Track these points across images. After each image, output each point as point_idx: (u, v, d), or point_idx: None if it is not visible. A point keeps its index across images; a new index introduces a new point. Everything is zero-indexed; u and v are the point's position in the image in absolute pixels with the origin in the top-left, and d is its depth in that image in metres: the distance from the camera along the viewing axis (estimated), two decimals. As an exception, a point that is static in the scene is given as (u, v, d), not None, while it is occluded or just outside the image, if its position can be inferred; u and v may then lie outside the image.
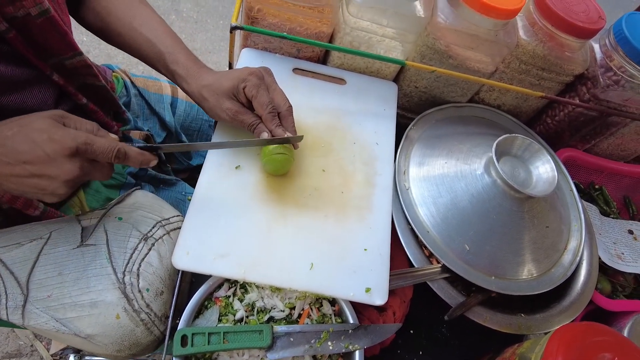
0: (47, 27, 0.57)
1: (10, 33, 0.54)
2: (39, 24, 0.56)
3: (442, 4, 0.72)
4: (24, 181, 0.48)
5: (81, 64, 0.65)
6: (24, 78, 0.59)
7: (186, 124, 0.98)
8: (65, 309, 0.56)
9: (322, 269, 0.60)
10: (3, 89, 0.57)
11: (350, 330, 0.58)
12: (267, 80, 0.63)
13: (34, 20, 0.55)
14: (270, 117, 0.61)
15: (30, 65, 0.59)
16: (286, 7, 0.70)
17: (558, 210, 0.74)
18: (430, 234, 0.66)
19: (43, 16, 0.56)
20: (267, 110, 0.61)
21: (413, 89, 0.84)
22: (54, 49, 0.61)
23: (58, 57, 0.62)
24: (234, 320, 0.58)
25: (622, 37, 0.76)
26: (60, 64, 0.63)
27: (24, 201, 0.61)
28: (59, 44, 0.60)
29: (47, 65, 0.61)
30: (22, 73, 0.58)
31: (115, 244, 0.59)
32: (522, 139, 0.69)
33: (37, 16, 0.55)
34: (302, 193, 0.65)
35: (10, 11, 0.53)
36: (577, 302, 0.69)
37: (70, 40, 0.62)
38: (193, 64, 0.66)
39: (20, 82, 0.59)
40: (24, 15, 0.54)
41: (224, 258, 0.58)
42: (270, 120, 0.61)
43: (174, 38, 0.69)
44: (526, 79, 0.80)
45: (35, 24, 0.56)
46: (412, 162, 0.73)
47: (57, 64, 0.63)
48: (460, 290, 0.66)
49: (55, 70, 0.63)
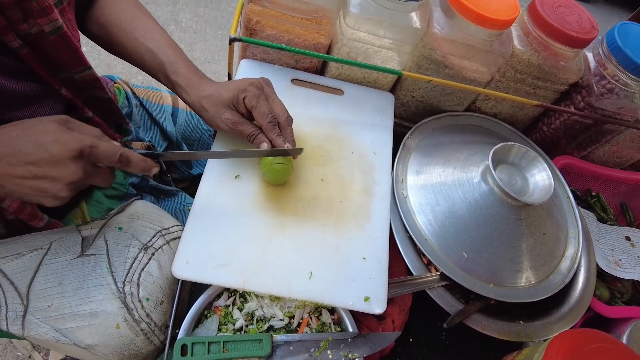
0: (60, 43, 0.58)
1: (24, 50, 0.55)
2: (52, 41, 0.57)
3: (438, 14, 0.74)
4: (26, 183, 0.48)
5: (90, 77, 0.66)
6: (34, 93, 0.60)
7: (187, 134, 0.99)
8: (65, 319, 0.56)
9: (321, 278, 0.60)
10: (13, 104, 0.57)
11: (349, 338, 0.59)
12: (267, 91, 0.64)
13: (47, 37, 0.57)
14: (271, 126, 0.62)
15: (41, 81, 0.60)
16: (284, 19, 0.72)
17: (555, 218, 0.75)
18: (428, 242, 0.66)
19: (56, 33, 0.57)
20: (267, 119, 0.61)
21: (410, 99, 0.85)
22: (65, 64, 0.62)
23: (68, 71, 0.63)
24: (234, 329, 0.58)
25: (614, 46, 0.77)
26: (69, 78, 0.64)
27: (30, 212, 0.61)
28: (70, 59, 0.62)
29: (57, 80, 0.62)
30: (33, 88, 0.59)
31: (115, 254, 0.59)
32: (518, 147, 0.70)
33: (51, 33, 0.56)
34: (301, 202, 0.66)
35: (24, 28, 0.54)
36: (576, 309, 0.69)
37: (80, 55, 0.63)
38: (193, 74, 0.67)
39: (30, 97, 0.59)
40: (38, 32, 0.55)
41: (224, 267, 0.58)
42: (271, 129, 0.62)
43: (175, 49, 0.70)
44: (522, 87, 0.81)
45: (48, 41, 0.57)
46: (409, 171, 0.73)
47: (67, 78, 0.64)
48: (459, 298, 0.67)
49: (64, 85, 0.64)
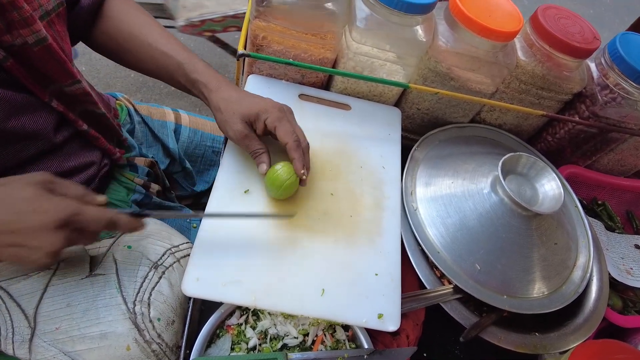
0: (45, 55, 0.58)
1: (8, 61, 0.54)
2: (36, 52, 0.56)
3: (443, 27, 0.74)
4: (3, 250, 0.46)
5: (80, 91, 0.65)
6: (23, 103, 0.59)
7: (189, 151, 0.98)
8: (74, 341, 0.55)
9: (334, 295, 0.59)
10: (2, 113, 0.56)
11: (365, 355, 0.57)
12: (288, 117, 0.65)
13: (31, 48, 0.56)
14: (296, 145, 0.62)
15: (29, 92, 0.59)
16: (290, 35, 0.72)
17: (565, 227, 0.75)
18: (440, 254, 0.66)
19: (40, 44, 0.56)
20: (293, 137, 0.62)
21: (415, 111, 0.85)
22: (53, 76, 0.61)
23: (57, 84, 0.62)
24: (247, 348, 0.57)
25: (617, 55, 0.78)
26: (59, 91, 0.63)
27: None
28: (57, 72, 0.61)
29: (46, 92, 0.61)
30: (22, 98, 0.58)
31: (125, 273, 0.58)
32: (527, 157, 0.70)
33: (34, 44, 0.56)
34: (312, 217, 0.65)
35: (8, 40, 0.53)
36: (591, 319, 0.69)
37: (68, 68, 0.62)
38: (213, 72, 0.69)
39: (19, 107, 0.58)
40: (22, 44, 0.55)
41: (234, 284, 0.57)
42: (296, 148, 0.62)
43: (188, 51, 0.71)
44: (526, 98, 0.82)
45: (33, 52, 0.56)
46: (418, 183, 0.73)
47: (57, 90, 0.63)
48: (473, 311, 0.66)
49: (55, 97, 0.63)
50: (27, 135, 0.60)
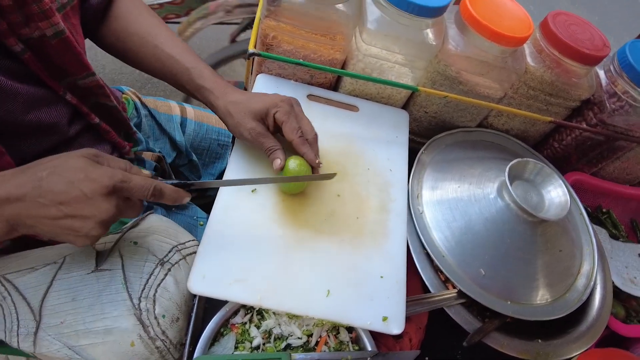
0: (62, 48, 0.58)
1: (26, 54, 0.55)
2: (54, 45, 0.57)
3: (453, 31, 0.74)
4: (58, 223, 0.46)
5: (94, 84, 0.66)
6: (39, 97, 0.59)
7: (195, 143, 0.99)
8: (78, 335, 0.55)
9: (339, 296, 0.59)
10: (20, 106, 0.57)
11: (368, 357, 0.57)
12: (296, 110, 0.66)
13: (49, 41, 0.56)
14: (301, 141, 0.64)
15: (45, 85, 0.60)
16: (300, 35, 0.72)
17: (570, 234, 0.75)
18: (445, 258, 0.66)
19: (58, 37, 0.57)
20: (297, 134, 0.63)
21: (423, 114, 0.85)
22: (68, 70, 0.61)
23: (72, 77, 0.63)
24: (251, 347, 0.57)
25: (626, 63, 0.78)
26: (73, 84, 0.64)
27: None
28: (73, 65, 0.61)
29: (61, 86, 0.62)
30: (37, 92, 0.59)
31: (131, 269, 0.58)
32: (534, 163, 0.70)
33: (52, 37, 0.56)
34: (318, 218, 0.65)
35: (26, 33, 0.54)
36: (594, 327, 0.69)
37: (84, 60, 0.63)
38: (219, 79, 0.69)
39: (35, 100, 0.59)
40: (40, 37, 0.55)
41: (240, 283, 0.57)
42: (302, 144, 0.64)
43: (195, 56, 0.71)
44: (534, 104, 0.82)
45: (51, 45, 0.57)
46: (425, 186, 0.73)
47: (71, 83, 0.64)
48: (476, 316, 0.66)
49: (69, 90, 0.63)
50: (44, 128, 0.61)
